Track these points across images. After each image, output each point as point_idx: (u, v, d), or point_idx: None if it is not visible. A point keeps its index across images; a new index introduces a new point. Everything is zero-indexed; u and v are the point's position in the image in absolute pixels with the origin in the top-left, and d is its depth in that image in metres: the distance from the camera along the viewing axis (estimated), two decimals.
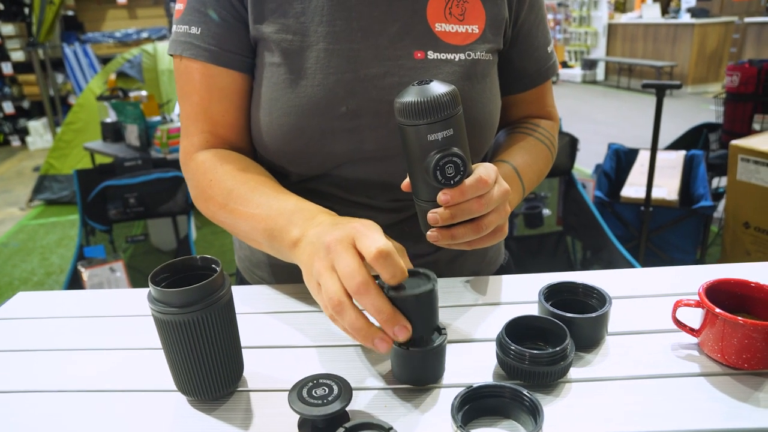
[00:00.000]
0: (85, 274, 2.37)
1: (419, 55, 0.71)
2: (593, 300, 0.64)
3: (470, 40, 0.73)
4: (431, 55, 0.71)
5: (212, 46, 0.71)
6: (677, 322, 0.61)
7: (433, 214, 0.59)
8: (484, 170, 0.59)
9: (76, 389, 0.60)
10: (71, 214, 4.23)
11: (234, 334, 0.56)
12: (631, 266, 2.35)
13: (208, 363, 0.53)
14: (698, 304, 0.59)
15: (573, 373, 0.58)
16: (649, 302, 0.70)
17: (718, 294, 0.60)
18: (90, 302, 0.79)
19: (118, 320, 0.73)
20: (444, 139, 0.55)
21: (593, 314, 0.60)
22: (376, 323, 0.50)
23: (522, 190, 0.77)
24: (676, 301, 0.61)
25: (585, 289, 0.65)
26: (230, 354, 0.55)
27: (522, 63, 0.82)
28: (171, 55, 0.74)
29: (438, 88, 0.54)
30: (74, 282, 2.41)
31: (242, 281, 0.91)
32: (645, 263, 2.65)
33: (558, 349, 0.55)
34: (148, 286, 0.53)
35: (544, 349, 0.58)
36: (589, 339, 0.61)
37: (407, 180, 0.62)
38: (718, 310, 0.56)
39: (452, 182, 0.57)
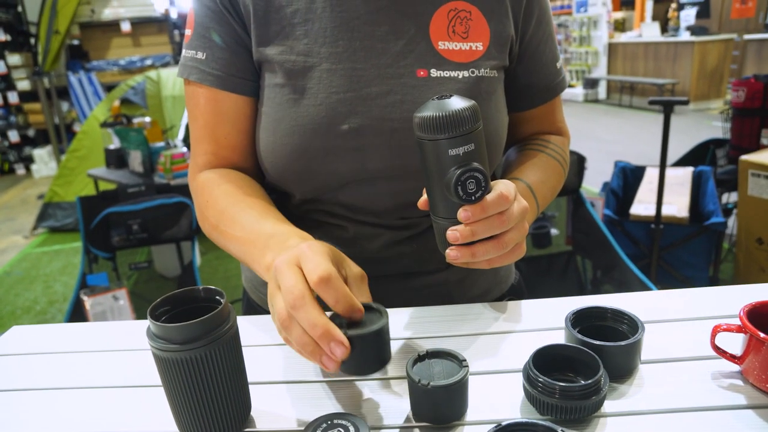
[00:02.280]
0: (88, 302, 2.33)
1: (422, 73, 0.70)
2: (624, 326, 0.60)
3: (474, 58, 0.72)
4: (434, 73, 0.70)
5: (216, 71, 0.72)
6: (716, 349, 0.57)
7: (453, 232, 0.56)
8: (504, 186, 0.57)
9: None
10: (75, 242, 4.20)
11: (240, 371, 0.52)
12: (645, 285, 2.29)
13: (212, 403, 0.49)
14: (740, 329, 0.55)
15: (607, 406, 0.54)
16: (681, 327, 0.66)
17: (760, 317, 0.55)
18: (87, 336, 0.75)
19: (117, 355, 0.69)
20: (465, 154, 0.53)
21: (626, 342, 0.56)
22: None
23: (536, 208, 0.74)
24: (715, 326, 0.57)
25: (614, 314, 0.61)
26: (236, 393, 0.51)
27: (530, 79, 0.80)
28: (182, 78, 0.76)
29: (458, 102, 0.52)
30: (77, 311, 2.37)
31: (249, 301, 0.89)
32: (657, 282, 2.59)
33: (591, 381, 0.51)
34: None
35: (575, 381, 0.54)
36: (622, 368, 0.57)
37: (424, 197, 0.59)
38: (763, 335, 0.51)
39: (473, 198, 0.54)
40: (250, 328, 0.72)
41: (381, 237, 0.76)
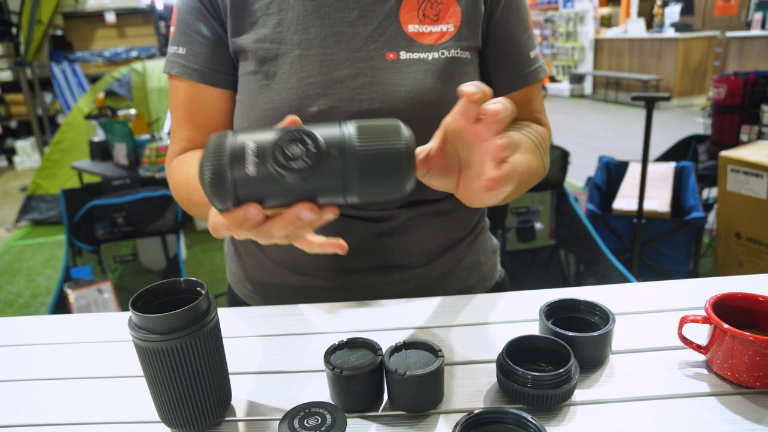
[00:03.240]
0: (72, 295, 2.31)
1: (392, 56, 0.72)
2: (596, 317, 0.62)
3: (444, 39, 0.73)
4: (404, 55, 0.72)
5: (195, 65, 0.75)
6: (683, 339, 0.59)
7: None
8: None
9: (51, 422, 0.56)
10: (59, 235, 4.16)
11: (221, 361, 0.53)
12: (626, 279, 2.33)
13: (193, 393, 0.50)
14: (705, 320, 0.57)
15: (577, 395, 0.56)
16: (653, 318, 0.68)
17: (726, 309, 0.58)
18: (70, 327, 0.75)
19: (100, 346, 0.70)
20: (255, 152, 0.44)
21: (597, 333, 0.58)
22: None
23: (540, 155, 0.74)
24: (682, 317, 0.59)
25: (587, 306, 0.63)
26: (217, 382, 0.52)
27: (499, 64, 0.79)
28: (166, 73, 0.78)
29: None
30: (60, 304, 2.35)
31: (233, 296, 0.90)
32: (639, 275, 2.64)
33: (562, 370, 0.53)
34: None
35: (547, 371, 0.56)
36: (593, 358, 0.59)
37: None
38: (726, 325, 0.54)
39: (305, 160, 0.44)
40: (231, 319, 0.73)
41: (360, 229, 0.77)
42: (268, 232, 0.46)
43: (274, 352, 0.66)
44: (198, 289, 0.52)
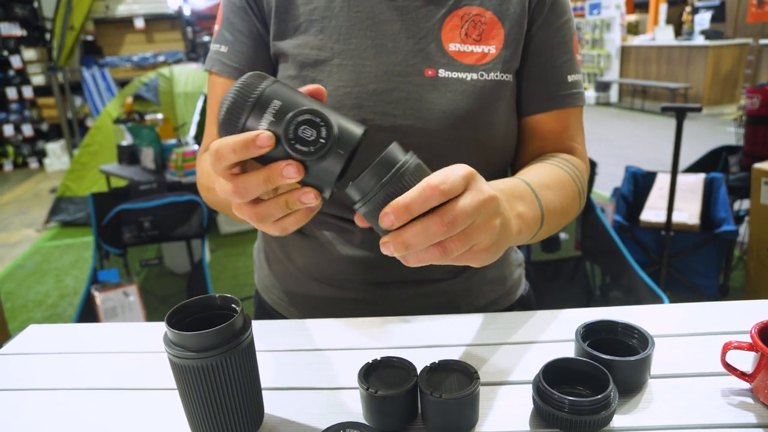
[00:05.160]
0: (99, 298, 2.35)
1: (430, 72, 0.71)
2: (634, 340, 0.60)
3: (485, 60, 0.72)
4: (442, 73, 0.71)
5: (234, 63, 0.76)
6: (727, 366, 0.57)
7: (385, 245, 0.47)
8: (439, 173, 0.46)
9: None
10: (86, 236, 4.24)
11: (255, 378, 0.53)
12: (653, 292, 2.28)
13: (227, 409, 0.50)
14: (751, 347, 0.55)
15: (616, 420, 0.54)
16: (692, 341, 0.66)
17: None
18: (103, 336, 0.76)
19: (132, 357, 0.71)
20: (277, 112, 0.45)
21: (635, 357, 0.56)
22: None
23: (539, 208, 0.63)
24: (726, 343, 0.57)
25: (624, 328, 0.61)
26: (251, 399, 0.52)
27: (530, 80, 0.76)
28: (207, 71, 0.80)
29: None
30: (87, 306, 2.39)
31: (260, 301, 0.91)
32: (666, 289, 2.58)
33: (600, 396, 0.51)
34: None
35: (585, 395, 0.55)
36: (631, 383, 0.57)
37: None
38: None
39: (321, 142, 0.45)
40: (263, 333, 0.73)
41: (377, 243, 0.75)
42: (243, 184, 0.46)
43: (306, 368, 0.65)
44: (233, 305, 0.52)
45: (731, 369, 0.57)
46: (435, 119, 0.70)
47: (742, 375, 0.56)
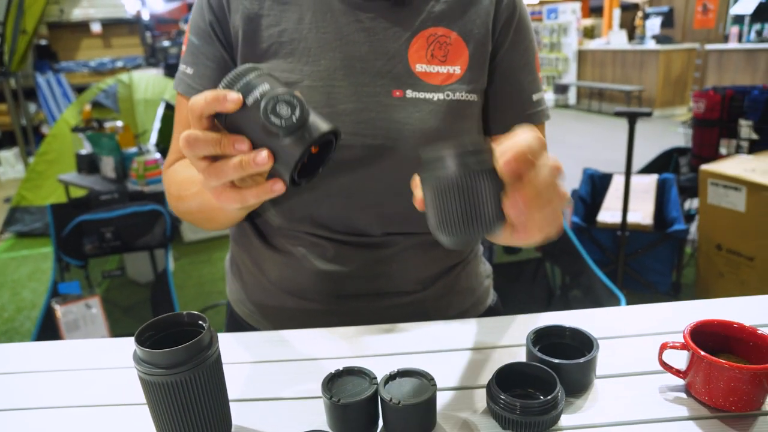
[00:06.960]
0: (60, 311, 2.30)
1: (398, 93, 0.73)
2: (580, 344, 0.65)
3: (451, 81, 0.74)
4: (410, 94, 0.73)
5: (198, 86, 0.76)
6: (664, 365, 0.62)
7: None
8: (509, 141, 0.52)
9: None
10: (44, 247, 4.13)
11: (222, 391, 0.55)
12: (610, 290, 2.37)
13: (196, 422, 0.52)
14: (684, 347, 0.60)
15: (564, 420, 0.58)
16: (635, 342, 0.71)
17: (703, 335, 0.61)
18: (64, 354, 0.76)
19: (95, 374, 0.71)
20: (263, 91, 0.52)
21: (581, 360, 0.61)
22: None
23: None
24: (662, 344, 0.62)
25: (572, 332, 0.65)
26: (218, 412, 0.54)
27: (499, 103, 0.79)
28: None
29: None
30: (48, 319, 2.34)
31: (232, 314, 0.91)
32: (623, 287, 2.68)
33: (549, 397, 0.55)
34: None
35: (535, 397, 0.58)
36: (579, 384, 0.62)
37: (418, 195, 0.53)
38: (702, 353, 0.57)
39: (293, 120, 0.50)
40: (233, 345, 0.75)
41: (357, 256, 0.78)
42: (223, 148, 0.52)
43: (273, 379, 0.68)
44: (200, 322, 0.54)
45: (667, 367, 0.62)
46: (404, 138, 0.72)
47: (678, 372, 0.61)
